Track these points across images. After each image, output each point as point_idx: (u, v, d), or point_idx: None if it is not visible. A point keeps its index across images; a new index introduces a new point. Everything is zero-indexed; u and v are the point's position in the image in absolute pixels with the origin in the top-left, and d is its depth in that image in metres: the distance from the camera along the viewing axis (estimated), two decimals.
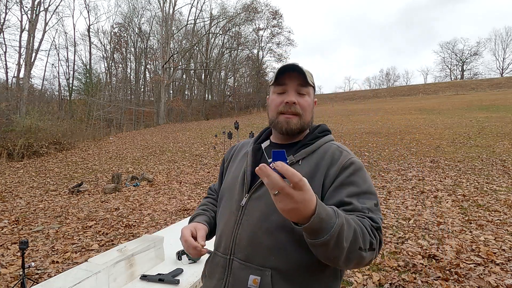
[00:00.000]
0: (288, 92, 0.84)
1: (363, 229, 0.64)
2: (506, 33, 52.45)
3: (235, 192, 0.86)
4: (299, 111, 0.83)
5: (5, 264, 3.24)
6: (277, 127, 0.86)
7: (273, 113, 0.87)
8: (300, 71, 0.82)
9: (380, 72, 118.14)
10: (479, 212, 4.08)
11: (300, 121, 0.84)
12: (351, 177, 0.75)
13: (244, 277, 0.74)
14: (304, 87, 0.85)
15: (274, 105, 0.86)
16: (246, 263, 0.75)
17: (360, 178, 0.76)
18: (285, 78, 0.84)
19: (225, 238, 0.82)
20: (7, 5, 19.76)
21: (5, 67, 22.29)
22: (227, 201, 0.88)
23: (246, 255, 0.76)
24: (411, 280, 2.54)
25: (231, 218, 0.83)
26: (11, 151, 11.32)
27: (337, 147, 0.84)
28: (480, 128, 11.10)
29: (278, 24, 37.03)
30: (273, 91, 0.88)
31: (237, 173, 0.90)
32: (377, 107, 24.36)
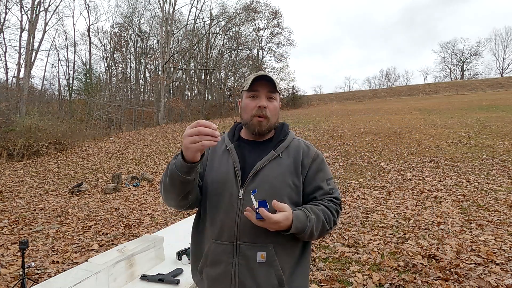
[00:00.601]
0: (260, 98, 1.00)
1: (329, 216, 0.95)
2: (506, 33, 52.55)
3: (228, 186, 0.95)
4: (268, 115, 0.99)
5: (5, 264, 3.24)
6: (250, 128, 1.01)
7: (248, 116, 1.01)
8: (270, 80, 0.98)
9: (380, 72, 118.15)
10: (479, 212, 4.08)
11: (269, 123, 1.00)
12: (319, 166, 1.03)
13: (253, 255, 0.91)
14: (273, 93, 1.01)
15: (248, 108, 1.00)
16: (252, 244, 0.91)
17: (325, 166, 1.05)
18: (257, 85, 0.99)
19: (228, 228, 0.93)
20: (7, 5, 19.77)
21: (5, 67, 22.30)
22: (221, 195, 0.96)
23: (251, 238, 0.91)
24: (411, 280, 2.54)
25: (231, 209, 0.94)
26: (11, 151, 11.32)
27: (303, 142, 1.07)
28: (480, 128, 11.10)
29: (278, 24, 37.04)
30: (246, 96, 1.02)
31: (224, 169, 0.98)
32: (377, 107, 24.36)
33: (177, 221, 4.33)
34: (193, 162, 0.81)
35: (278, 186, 0.94)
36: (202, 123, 0.76)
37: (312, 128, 14.93)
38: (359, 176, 6.72)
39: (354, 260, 2.98)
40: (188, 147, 0.77)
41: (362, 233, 3.63)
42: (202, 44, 34.42)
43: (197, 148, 0.76)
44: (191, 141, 0.76)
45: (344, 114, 21.03)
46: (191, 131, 0.76)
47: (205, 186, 1.00)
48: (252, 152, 1.02)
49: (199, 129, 0.75)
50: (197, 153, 0.79)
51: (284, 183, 0.95)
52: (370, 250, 3.16)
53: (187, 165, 0.81)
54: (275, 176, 0.95)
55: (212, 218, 0.97)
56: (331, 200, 1.00)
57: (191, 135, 0.75)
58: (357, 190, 5.63)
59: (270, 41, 38.16)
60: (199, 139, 0.75)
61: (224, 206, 0.95)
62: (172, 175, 0.84)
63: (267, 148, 1.01)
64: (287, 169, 0.97)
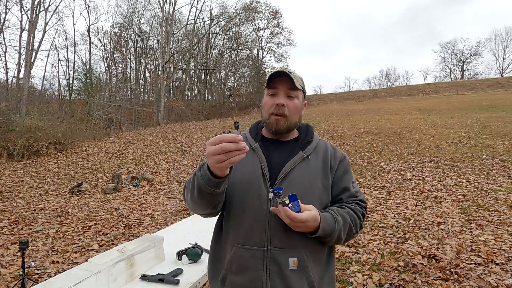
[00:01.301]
0: (278, 95, 0.95)
1: (355, 219, 0.92)
2: (506, 33, 52.55)
3: (256, 187, 0.90)
4: (286, 113, 0.94)
5: (5, 264, 3.24)
6: (268, 127, 0.97)
7: (266, 114, 0.97)
8: (289, 76, 0.92)
9: (380, 72, 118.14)
10: (479, 212, 4.08)
11: (287, 122, 0.95)
12: (346, 168, 1.00)
13: (285, 261, 0.86)
14: (293, 91, 0.95)
15: (266, 106, 0.97)
16: (284, 249, 0.86)
17: (350, 168, 1.03)
18: (276, 82, 0.95)
19: (257, 232, 0.87)
20: (7, 5, 19.78)
21: (5, 67, 22.32)
22: (248, 196, 0.90)
23: (283, 242, 0.87)
24: (411, 280, 2.54)
25: (260, 211, 0.88)
26: (11, 151, 11.32)
27: (330, 144, 1.05)
28: (480, 128, 11.10)
29: (278, 24, 37.08)
30: (266, 93, 0.99)
31: (251, 169, 0.93)
32: (377, 107, 24.36)
33: (177, 221, 4.33)
34: (222, 176, 0.75)
35: (308, 188, 0.91)
36: (225, 139, 0.67)
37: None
38: (359, 176, 6.71)
39: (354, 260, 2.98)
40: (215, 166, 0.70)
41: (362, 233, 3.63)
42: (202, 44, 34.44)
43: (225, 167, 0.69)
44: (217, 161, 0.68)
45: (344, 114, 21.03)
46: (214, 149, 0.67)
47: (229, 187, 0.92)
48: (277, 152, 0.97)
49: (223, 147, 0.66)
50: (225, 170, 0.72)
51: (314, 185, 0.92)
52: (370, 250, 3.15)
53: (216, 180, 0.74)
54: (306, 177, 0.92)
55: (238, 221, 0.90)
56: (357, 203, 0.97)
57: (215, 153, 0.67)
58: None
59: (270, 41, 38.23)
60: (226, 157, 0.67)
61: (252, 208, 0.89)
62: (201, 188, 0.78)
63: (294, 149, 0.97)
64: (317, 171, 0.94)
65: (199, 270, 1.80)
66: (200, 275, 1.73)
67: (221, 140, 0.67)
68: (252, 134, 1.04)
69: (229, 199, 0.92)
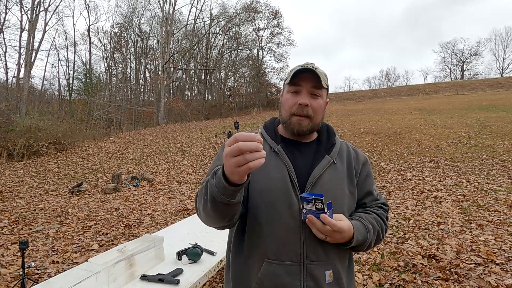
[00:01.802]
0: (301, 94, 0.87)
1: (381, 225, 0.89)
2: (506, 33, 52.53)
3: (285, 196, 0.82)
4: (310, 114, 0.86)
5: (5, 264, 3.24)
6: (289, 128, 0.89)
7: (286, 113, 0.89)
8: (314, 73, 0.84)
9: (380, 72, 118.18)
10: (479, 212, 4.08)
11: (311, 123, 0.88)
12: (368, 170, 0.97)
13: (321, 275, 0.81)
14: (317, 89, 0.87)
15: (287, 105, 0.88)
16: (320, 262, 0.81)
17: (371, 170, 0.99)
18: (300, 79, 0.86)
19: (291, 245, 0.80)
20: (7, 5, 19.78)
21: (5, 67, 22.30)
22: (276, 206, 0.81)
23: (319, 255, 0.82)
24: (411, 280, 2.54)
25: (293, 223, 0.81)
26: (11, 151, 11.32)
27: (351, 146, 1.00)
28: (480, 128, 11.10)
29: (278, 24, 37.06)
30: (287, 90, 0.90)
31: (277, 175, 0.84)
32: (377, 107, 24.36)
33: (177, 221, 4.33)
34: (239, 183, 0.64)
35: (338, 195, 0.85)
36: (242, 137, 0.57)
37: None
38: None
39: (354, 260, 2.97)
40: (233, 171, 0.60)
41: None
42: (202, 44, 34.45)
43: (243, 172, 0.59)
44: (235, 164, 0.58)
45: (344, 114, 21.03)
46: (230, 150, 0.58)
47: (251, 196, 0.83)
48: (301, 156, 0.89)
49: (240, 146, 0.56)
50: (244, 176, 0.62)
51: (343, 192, 0.87)
52: (370, 250, 3.16)
53: (232, 188, 0.64)
54: (334, 184, 0.86)
55: (267, 234, 0.81)
56: (381, 207, 0.94)
57: (233, 155, 0.57)
58: None
59: (270, 41, 38.19)
60: (244, 160, 0.57)
61: (283, 219, 0.81)
62: (214, 198, 0.67)
63: (318, 152, 0.90)
64: (344, 176, 0.89)
65: (199, 270, 1.80)
66: (200, 275, 1.73)
67: (238, 139, 0.58)
68: (270, 134, 0.93)
69: (253, 209, 0.83)
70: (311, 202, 0.75)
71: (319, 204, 0.74)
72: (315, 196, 0.75)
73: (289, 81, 0.87)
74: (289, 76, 0.88)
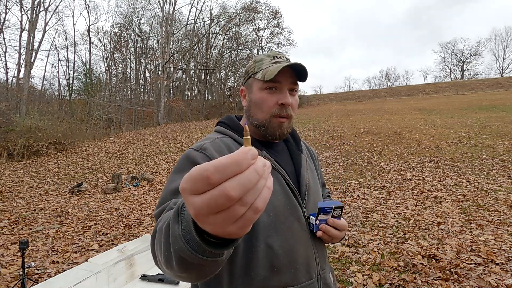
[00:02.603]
0: (282, 92, 0.76)
1: None
2: (506, 33, 52.51)
3: (291, 209, 0.72)
4: (291, 113, 0.77)
5: (5, 264, 3.24)
6: (269, 131, 0.77)
7: (264, 115, 0.76)
8: (300, 69, 0.74)
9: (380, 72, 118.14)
10: (479, 212, 4.08)
11: (290, 123, 0.79)
12: (319, 162, 0.98)
13: (329, 279, 0.80)
14: (295, 85, 0.78)
15: (267, 106, 0.76)
16: (326, 267, 0.80)
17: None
18: (280, 74, 0.74)
19: (308, 261, 0.72)
20: (7, 5, 19.77)
21: (5, 67, 22.27)
22: (285, 223, 0.70)
23: (325, 261, 0.80)
24: (411, 280, 2.54)
25: (305, 237, 0.73)
26: (11, 151, 11.32)
27: (303, 142, 0.97)
28: (480, 128, 11.10)
29: (278, 24, 37.04)
30: (261, 87, 0.76)
31: (275, 188, 0.72)
32: (377, 107, 24.36)
33: None
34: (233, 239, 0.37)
35: (319, 195, 0.83)
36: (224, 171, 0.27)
37: (312, 128, 14.92)
38: (359, 176, 6.71)
39: (354, 260, 2.98)
40: (227, 232, 0.30)
41: (362, 233, 3.63)
42: (202, 44, 34.44)
43: (247, 224, 0.29)
44: (228, 220, 0.28)
45: (344, 114, 21.02)
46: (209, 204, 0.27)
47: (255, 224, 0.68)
48: (281, 158, 0.81)
49: (231, 194, 0.26)
50: (246, 229, 0.31)
51: (319, 189, 0.85)
52: (370, 250, 3.15)
53: (218, 250, 0.36)
54: (315, 182, 0.83)
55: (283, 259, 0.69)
56: (329, 196, 0.98)
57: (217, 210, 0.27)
58: (357, 190, 5.62)
59: (270, 41, 38.15)
60: (244, 206, 0.28)
61: (296, 237, 0.71)
62: (184, 259, 0.38)
63: (292, 151, 0.84)
64: (315, 173, 0.87)
65: None
66: None
67: (213, 178, 0.27)
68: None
69: (259, 235, 0.67)
70: (329, 212, 0.70)
71: (337, 212, 0.70)
72: (336, 204, 0.70)
73: (269, 78, 0.72)
74: (267, 72, 0.74)
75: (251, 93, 0.80)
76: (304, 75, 0.75)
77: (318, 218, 0.72)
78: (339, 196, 5.33)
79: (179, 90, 37.90)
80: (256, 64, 0.79)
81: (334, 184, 6.16)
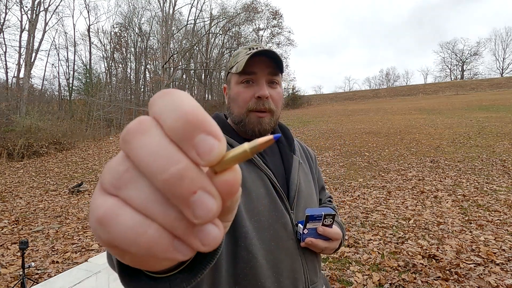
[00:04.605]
0: (258, 83, 0.70)
1: (340, 219, 0.87)
2: (506, 33, 52.52)
3: (277, 215, 0.66)
4: (272, 107, 0.70)
5: (5, 264, 3.24)
6: (247, 128, 0.71)
7: (241, 110, 0.71)
8: (272, 56, 0.68)
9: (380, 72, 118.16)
10: (479, 212, 4.08)
11: (273, 118, 0.72)
12: (317, 166, 0.93)
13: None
14: (275, 76, 0.71)
15: (242, 100, 0.70)
16: (318, 280, 0.73)
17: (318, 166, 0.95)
18: (254, 65, 0.68)
19: (295, 273, 0.66)
20: (7, 5, 19.78)
21: (5, 67, 22.26)
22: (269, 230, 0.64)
23: (316, 272, 0.72)
24: (411, 280, 2.54)
25: (291, 246, 0.67)
26: (11, 151, 11.32)
27: (299, 141, 0.92)
28: (480, 128, 11.10)
29: (278, 24, 37.09)
30: (237, 81, 0.71)
31: (263, 191, 0.67)
32: (377, 107, 24.36)
33: None
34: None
35: (314, 198, 0.78)
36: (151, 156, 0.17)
37: (312, 128, 14.92)
38: (359, 176, 6.71)
39: (354, 260, 2.98)
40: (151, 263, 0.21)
41: (362, 233, 3.63)
42: (202, 44, 34.47)
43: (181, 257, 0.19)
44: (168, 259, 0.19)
45: (344, 114, 21.03)
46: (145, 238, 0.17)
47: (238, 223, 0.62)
48: (270, 158, 0.74)
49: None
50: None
51: (313, 192, 0.79)
52: (370, 250, 3.15)
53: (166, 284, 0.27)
54: (308, 186, 0.77)
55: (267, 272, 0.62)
56: (330, 201, 0.92)
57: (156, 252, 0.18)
58: (357, 190, 5.62)
59: (270, 41, 38.18)
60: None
61: (282, 246, 0.65)
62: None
63: (283, 151, 0.77)
64: (310, 175, 0.81)
65: None
66: None
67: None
68: (231, 136, 0.74)
69: (240, 240, 0.61)
70: (318, 220, 0.64)
71: (328, 220, 0.64)
72: (326, 212, 0.64)
73: (239, 69, 0.68)
74: (239, 63, 0.69)
75: (229, 89, 0.75)
76: (280, 64, 0.69)
77: (306, 226, 0.65)
78: (339, 196, 5.33)
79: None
80: (233, 58, 0.74)
81: (334, 184, 6.16)
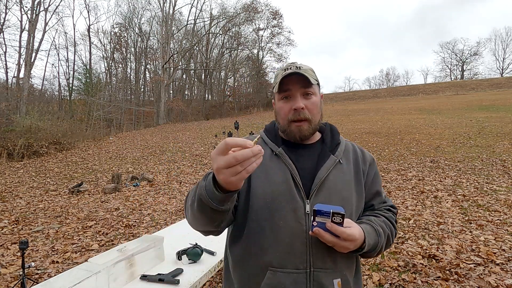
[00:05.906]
0: (294, 97, 0.84)
1: (391, 228, 0.85)
2: (506, 33, 52.57)
3: (289, 199, 0.78)
4: (308, 116, 0.84)
5: (5, 264, 3.24)
6: (290, 136, 0.86)
7: (284, 122, 0.86)
8: (300, 73, 0.82)
9: (380, 72, 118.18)
10: (479, 212, 4.08)
11: (311, 125, 0.85)
12: (376, 171, 0.92)
13: (330, 283, 0.76)
14: (308, 88, 0.85)
15: (283, 113, 0.86)
16: (328, 270, 0.76)
17: (378, 171, 0.94)
18: (288, 83, 0.84)
19: (297, 252, 0.76)
20: (7, 5, 19.78)
21: (5, 67, 22.28)
22: (280, 211, 0.77)
23: (326, 262, 0.77)
24: (411, 280, 2.54)
25: (299, 228, 0.76)
26: (11, 151, 11.32)
27: (357, 146, 0.96)
28: (480, 128, 11.10)
29: (278, 24, 37.09)
30: (278, 98, 0.88)
31: (279, 178, 0.80)
32: (377, 107, 24.36)
33: (177, 221, 4.33)
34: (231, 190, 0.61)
35: (346, 197, 0.81)
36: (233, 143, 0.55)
37: None
38: None
39: None
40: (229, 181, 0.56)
41: None
42: (202, 44, 34.48)
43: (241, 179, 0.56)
44: (232, 173, 0.55)
45: (344, 114, 21.03)
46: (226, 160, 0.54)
47: (252, 202, 0.79)
48: (304, 157, 0.85)
49: (237, 156, 0.53)
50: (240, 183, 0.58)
51: (351, 194, 0.83)
52: None
53: (223, 195, 0.62)
54: (342, 185, 0.82)
55: (270, 241, 0.77)
56: (389, 210, 0.91)
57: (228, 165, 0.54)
58: None
59: (270, 41, 38.21)
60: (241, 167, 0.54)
61: (287, 225, 0.76)
62: (202, 202, 0.65)
63: (323, 152, 0.86)
64: (351, 177, 0.85)
65: (199, 270, 1.80)
66: (200, 275, 1.73)
67: (228, 145, 0.54)
68: (271, 137, 0.90)
69: (253, 215, 0.79)
70: (326, 216, 0.67)
71: (337, 218, 0.67)
72: (334, 209, 0.67)
73: (277, 89, 0.85)
74: (275, 84, 0.86)
75: (275, 104, 0.91)
76: (307, 78, 0.82)
77: (315, 219, 0.70)
78: None
79: (179, 90, 37.91)
80: (275, 79, 0.89)
81: None
